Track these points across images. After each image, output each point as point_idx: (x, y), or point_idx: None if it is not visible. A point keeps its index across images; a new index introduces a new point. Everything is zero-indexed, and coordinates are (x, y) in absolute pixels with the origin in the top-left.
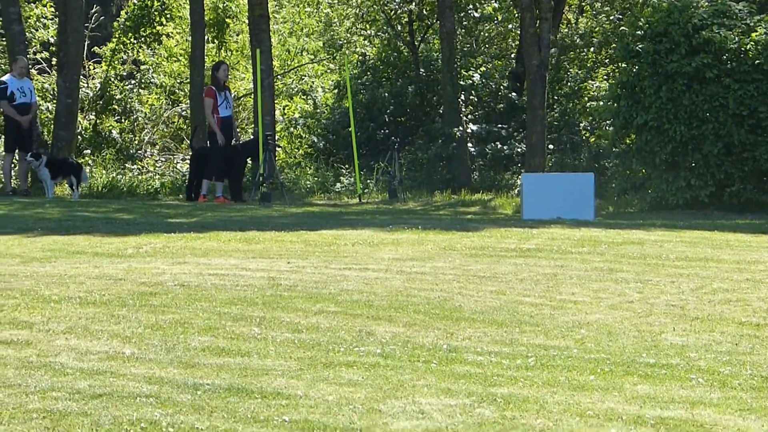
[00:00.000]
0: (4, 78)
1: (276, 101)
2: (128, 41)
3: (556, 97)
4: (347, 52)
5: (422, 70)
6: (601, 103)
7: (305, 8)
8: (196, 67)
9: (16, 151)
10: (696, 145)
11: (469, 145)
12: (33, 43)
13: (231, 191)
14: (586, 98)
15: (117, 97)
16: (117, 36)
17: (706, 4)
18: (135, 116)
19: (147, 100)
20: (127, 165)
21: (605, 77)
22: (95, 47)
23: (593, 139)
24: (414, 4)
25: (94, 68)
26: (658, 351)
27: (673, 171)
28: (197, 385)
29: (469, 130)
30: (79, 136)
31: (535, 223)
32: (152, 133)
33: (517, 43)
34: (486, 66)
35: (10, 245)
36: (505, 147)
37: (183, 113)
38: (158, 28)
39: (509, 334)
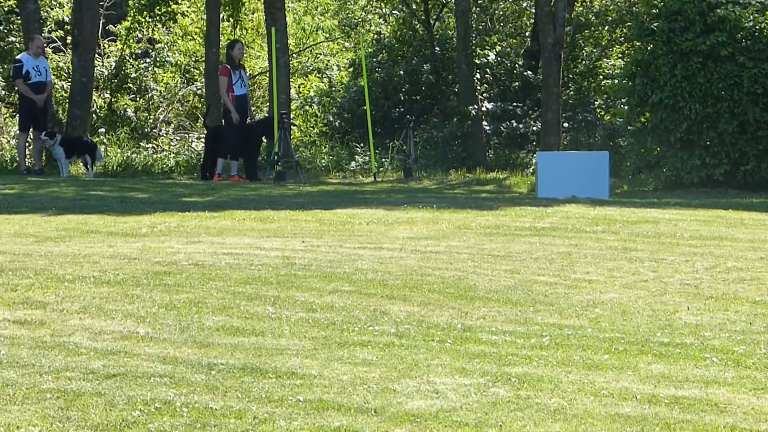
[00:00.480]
0: (20, 57)
1: (291, 80)
2: (143, 20)
3: (571, 76)
4: (362, 30)
5: (437, 48)
6: (616, 81)
7: None
8: (211, 46)
9: (31, 130)
10: (711, 123)
11: (484, 123)
12: (48, 22)
13: (246, 170)
14: (601, 77)
15: (132, 76)
16: (132, 14)
17: None
18: (150, 95)
19: (162, 79)
20: (141, 144)
21: (620, 56)
22: (110, 25)
23: (608, 118)
24: None
25: (109, 47)
26: (672, 330)
27: (687, 149)
28: (211, 365)
29: (484, 109)
30: (94, 115)
31: (550, 202)
32: (167, 111)
33: (532, 21)
34: (501, 44)
35: (24, 224)
36: (520, 125)
37: (198, 92)
38: (173, 6)
39: (524, 313)
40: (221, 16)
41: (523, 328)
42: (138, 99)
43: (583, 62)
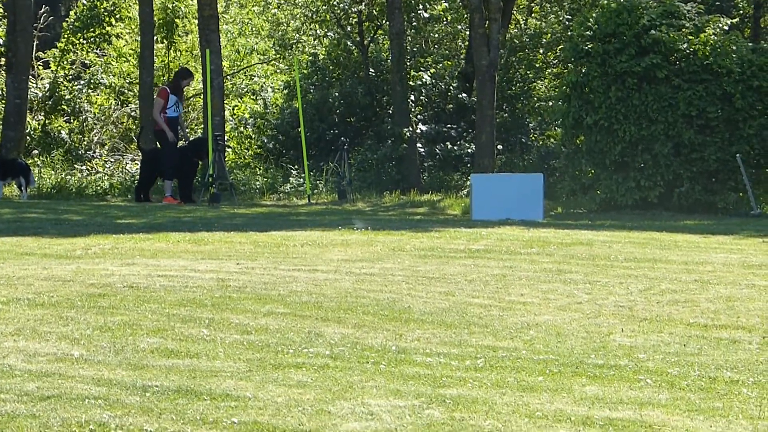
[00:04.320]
0: None
1: (225, 101)
2: (77, 41)
3: (505, 98)
4: (297, 52)
5: (372, 70)
6: (551, 103)
7: (253, 8)
8: (146, 67)
9: None
10: (646, 145)
11: (419, 145)
12: None
13: (180, 192)
14: (535, 99)
15: (66, 98)
16: (66, 36)
17: (655, 4)
18: (84, 116)
19: (96, 101)
20: (76, 166)
21: (554, 78)
22: (40, 52)
23: (542, 140)
24: (363, 4)
25: (43, 68)
26: (606, 352)
27: (622, 171)
28: (146, 387)
29: (418, 131)
30: (28, 137)
31: (484, 224)
32: (101, 133)
33: (467, 43)
34: (435, 66)
35: None
36: (454, 147)
37: (132, 113)
38: (107, 28)
39: (458, 335)
40: (155, 38)
41: (457, 350)
42: (72, 121)
43: (518, 84)
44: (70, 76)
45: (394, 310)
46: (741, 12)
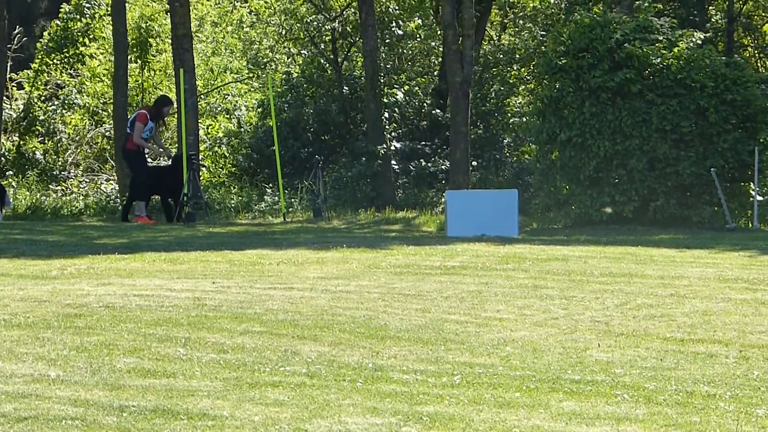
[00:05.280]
0: None
1: (200, 120)
2: (51, 62)
3: (479, 114)
4: (269, 71)
5: (346, 88)
6: (525, 119)
7: (226, 27)
8: (119, 87)
9: None
10: (620, 160)
11: (393, 162)
12: None
13: (167, 211)
14: (509, 115)
15: (40, 118)
16: (40, 57)
17: (628, 19)
18: (58, 137)
19: (70, 121)
20: (51, 186)
21: (528, 93)
22: (12, 74)
23: (517, 156)
24: (337, 22)
25: (17, 89)
26: (583, 367)
27: (597, 187)
28: (123, 407)
29: (393, 148)
30: (2, 158)
31: (460, 241)
32: (76, 153)
33: (440, 60)
34: (409, 83)
35: None
36: (428, 164)
37: (107, 134)
38: (81, 48)
39: (435, 352)
40: (129, 57)
41: (434, 367)
42: (46, 141)
43: (492, 100)
44: (44, 97)
45: (370, 327)
46: (714, 26)
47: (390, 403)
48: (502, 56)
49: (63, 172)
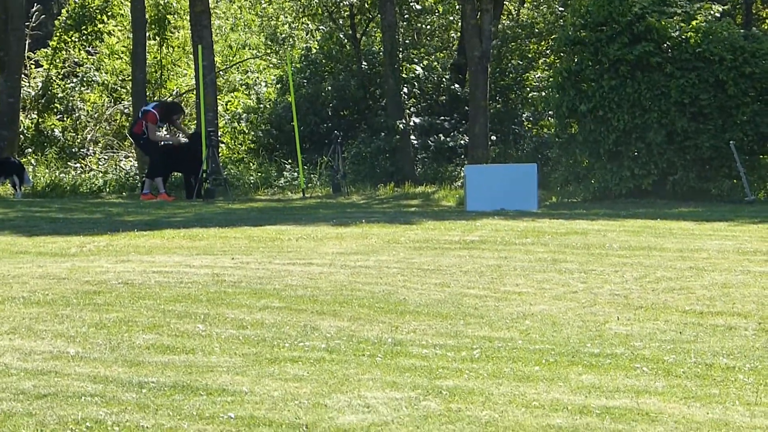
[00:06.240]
0: None
1: (218, 97)
2: (69, 40)
3: (498, 89)
4: (288, 46)
5: (364, 63)
6: (544, 93)
7: (243, 2)
8: (138, 64)
9: None
10: (639, 133)
11: (412, 137)
12: None
13: (187, 188)
14: (528, 89)
15: (59, 96)
16: (58, 34)
17: None
18: (77, 114)
19: (89, 98)
20: (69, 164)
21: (547, 68)
22: (30, 53)
23: (536, 130)
24: None
25: (36, 68)
26: (602, 341)
27: (616, 160)
28: (142, 384)
29: (411, 123)
30: (21, 136)
31: (479, 215)
32: (95, 131)
33: (459, 34)
34: (428, 58)
35: None
36: (448, 139)
37: (125, 111)
38: (99, 26)
39: (454, 326)
40: (147, 34)
41: (453, 341)
42: (65, 119)
43: (510, 75)
44: (63, 75)
45: (389, 302)
46: None
47: (409, 377)
48: (520, 30)
49: (82, 150)
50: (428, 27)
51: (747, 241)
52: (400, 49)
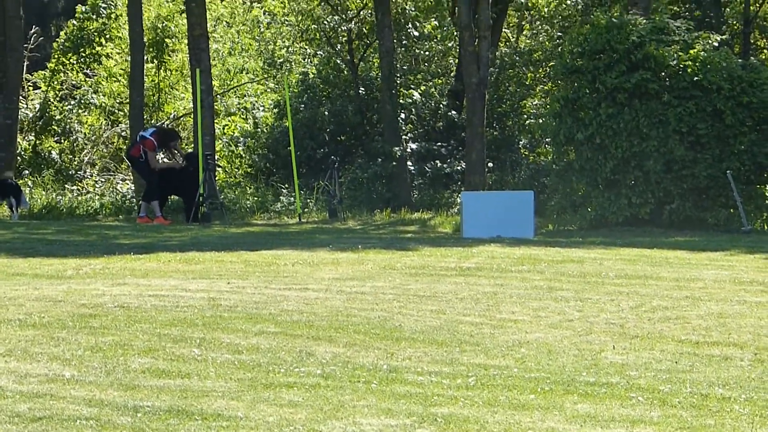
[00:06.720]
0: None
1: (216, 120)
2: (67, 62)
3: (495, 115)
4: (285, 71)
5: (362, 88)
6: (541, 120)
7: (241, 27)
8: (136, 87)
9: None
10: (637, 162)
11: (409, 163)
12: None
13: (186, 212)
14: (525, 116)
15: (56, 118)
16: (56, 57)
17: (645, 21)
18: (74, 137)
19: (86, 121)
20: (66, 186)
21: (544, 95)
22: (28, 75)
23: (533, 157)
24: (353, 22)
25: (34, 90)
26: (598, 369)
27: (613, 189)
28: (137, 408)
29: (408, 149)
30: (18, 157)
31: (475, 242)
32: (92, 153)
33: (457, 61)
34: (425, 84)
35: None
36: (444, 165)
37: (122, 133)
38: (98, 48)
39: (449, 353)
40: (145, 57)
41: (449, 369)
42: (62, 141)
43: (508, 102)
44: (61, 97)
45: (385, 328)
46: (730, 29)
47: (404, 404)
48: (518, 58)
49: (79, 172)
50: (426, 53)
51: (743, 271)
52: (398, 75)
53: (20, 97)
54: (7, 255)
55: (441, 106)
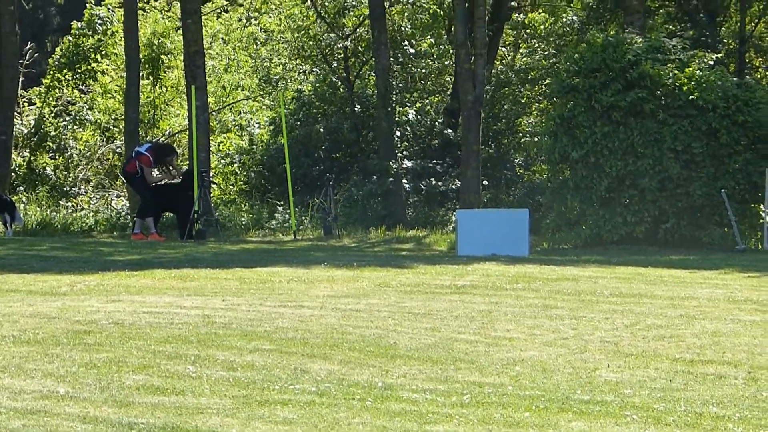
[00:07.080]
0: None
1: (211, 137)
2: (63, 78)
3: (490, 133)
4: (281, 88)
5: (358, 106)
6: (536, 138)
7: (237, 44)
8: (131, 103)
9: None
10: (632, 180)
11: (404, 181)
12: None
13: (180, 229)
14: (521, 134)
15: (51, 134)
16: (51, 73)
17: (640, 40)
18: (69, 153)
19: (81, 137)
20: (61, 202)
21: (540, 113)
22: (23, 91)
23: (528, 175)
24: (349, 40)
25: (29, 106)
26: (592, 387)
27: (608, 207)
28: (132, 425)
29: (404, 166)
30: (13, 174)
31: (470, 260)
32: (87, 170)
33: (453, 79)
34: (421, 102)
35: None
36: (440, 183)
37: (118, 150)
38: (93, 65)
39: (444, 371)
40: (141, 74)
41: (443, 387)
42: (57, 157)
43: (503, 120)
44: (56, 113)
45: (380, 346)
46: (726, 48)
47: (399, 422)
48: (514, 76)
49: (73, 188)
50: (422, 71)
51: (737, 290)
52: (394, 93)
53: (15, 113)
54: (2, 271)
55: (436, 123)
